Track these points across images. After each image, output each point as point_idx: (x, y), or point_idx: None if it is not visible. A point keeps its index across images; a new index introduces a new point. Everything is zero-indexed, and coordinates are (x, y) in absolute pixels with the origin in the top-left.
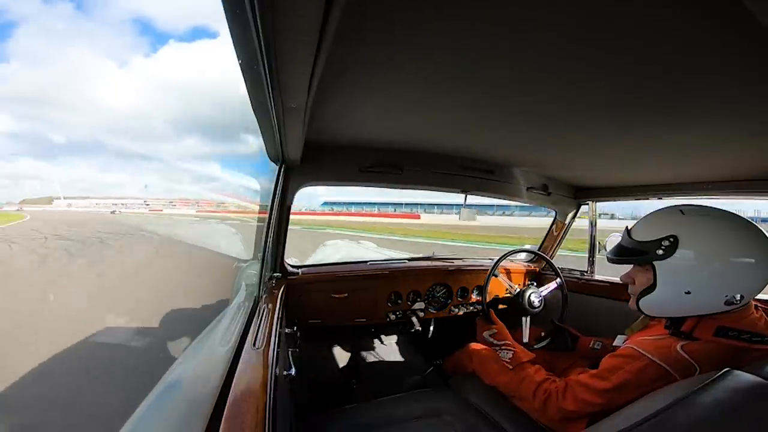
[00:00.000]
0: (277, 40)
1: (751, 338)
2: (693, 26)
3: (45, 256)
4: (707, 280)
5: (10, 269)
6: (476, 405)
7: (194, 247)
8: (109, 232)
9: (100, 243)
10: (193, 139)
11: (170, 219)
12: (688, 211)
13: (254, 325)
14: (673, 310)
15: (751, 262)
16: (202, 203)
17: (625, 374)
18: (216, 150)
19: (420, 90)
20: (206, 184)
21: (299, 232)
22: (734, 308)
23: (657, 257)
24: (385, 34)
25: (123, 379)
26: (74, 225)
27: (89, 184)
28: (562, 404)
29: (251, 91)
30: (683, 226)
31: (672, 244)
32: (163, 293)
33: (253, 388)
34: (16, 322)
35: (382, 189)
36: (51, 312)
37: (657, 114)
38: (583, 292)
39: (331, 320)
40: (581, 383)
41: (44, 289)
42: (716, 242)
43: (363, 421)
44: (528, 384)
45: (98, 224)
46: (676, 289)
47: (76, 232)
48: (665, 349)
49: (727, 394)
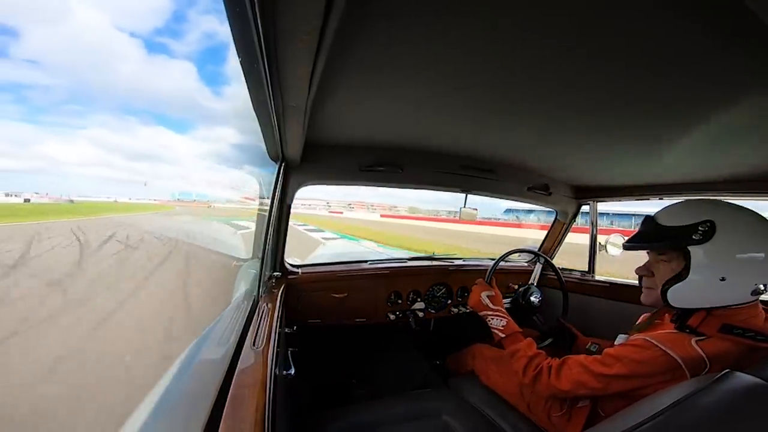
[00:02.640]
0: (278, 40)
1: (756, 337)
2: (693, 26)
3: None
4: (742, 267)
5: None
6: (476, 405)
7: (193, 246)
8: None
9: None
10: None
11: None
12: (718, 202)
13: (254, 325)
14: (704, 298)
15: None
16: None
17: (631, 363)
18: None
19: (420, 89)
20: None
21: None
22: (752, 301)
23: (693, 242)
24: (385, 34)
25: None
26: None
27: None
28: (554, 382)
29: (251, 90)
30: (719, 212)
31: (710, 228)
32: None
33: (253, 387)
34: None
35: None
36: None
37: (657, 114)
38: (584, 292)
39: (330, 320)
40: (580, 363)
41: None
42: (750, 231)
43: (363, 421)
44: (519, 358)
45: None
46: (712, 275)
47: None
48: (680, 342)
49: (727, 395)
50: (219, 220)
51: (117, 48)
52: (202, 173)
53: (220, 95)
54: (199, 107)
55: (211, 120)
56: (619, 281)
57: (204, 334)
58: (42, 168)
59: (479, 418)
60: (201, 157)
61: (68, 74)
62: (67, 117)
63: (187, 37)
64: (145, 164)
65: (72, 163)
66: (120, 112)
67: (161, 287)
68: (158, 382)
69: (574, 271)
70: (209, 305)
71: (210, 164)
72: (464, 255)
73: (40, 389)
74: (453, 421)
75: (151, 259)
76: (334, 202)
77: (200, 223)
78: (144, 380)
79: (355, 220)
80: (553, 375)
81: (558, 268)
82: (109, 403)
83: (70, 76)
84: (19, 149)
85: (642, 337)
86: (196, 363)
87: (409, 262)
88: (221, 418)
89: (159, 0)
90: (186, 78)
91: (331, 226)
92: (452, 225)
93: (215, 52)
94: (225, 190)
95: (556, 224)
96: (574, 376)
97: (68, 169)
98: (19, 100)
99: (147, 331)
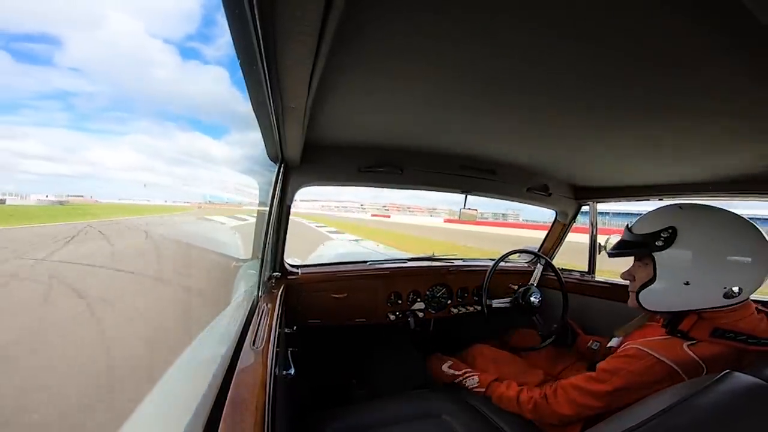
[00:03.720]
0: (277, 40)
1: (747, 340)
2: (693, 26)
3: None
4: (705, 271)
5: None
6: (475, 405)
7: (191, 245)
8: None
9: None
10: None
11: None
12: (686, 206)
13: (253, 325)
14: (672, 302)
15: (748, 255)
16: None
17: (627, 375)
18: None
19: (420, 90)
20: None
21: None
22: (733, 303)
23: (656, 248)
24: (384, 35)
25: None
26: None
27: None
28: (556, 408)
29: (251, 90)
30: (682, 218)
31: (671, 235)
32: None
33: (253, 387)
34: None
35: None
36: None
37: (658, 114)
38: (583, 293)
39: (330, 320)
40: (576, 386)
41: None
42: (714, 234)
43: (362, 421)
44: (507, 402)
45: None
46: (675, 280)
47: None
48: (672, 349)
49: (727, 395)
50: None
51: (153, 54)
52: (233, 177)
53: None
54: (231, 111)
55: (244, 124)
56: (618, 282)
57: (204, 334)
58: (89, 173)
59: (479, 418)
60: (234, 161)
61: (109, 81)
62: (110, 123)
63: (218, 41)
64: (183, 168)
65: (116, 168)
66: (159, 118)
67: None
68: (158, 382)
69: (574, 272)
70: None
71: (240, 167)
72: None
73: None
74: (453, 421)
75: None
76: (366, 204)
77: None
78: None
79: (412, 227)
80: (552, 403)
81: (558, 268)
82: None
83: (111, 82)
84: (69, 155)
85: (634, 346)
86: (196, 363)
87: (409, 263)
88: (221, 418)
89: (188, 3)
90: (218, 83)
91: (384, 238)
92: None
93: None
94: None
95: (555, 225)
96: (574, 399)
97: (114, 174)
98: (67, 107)
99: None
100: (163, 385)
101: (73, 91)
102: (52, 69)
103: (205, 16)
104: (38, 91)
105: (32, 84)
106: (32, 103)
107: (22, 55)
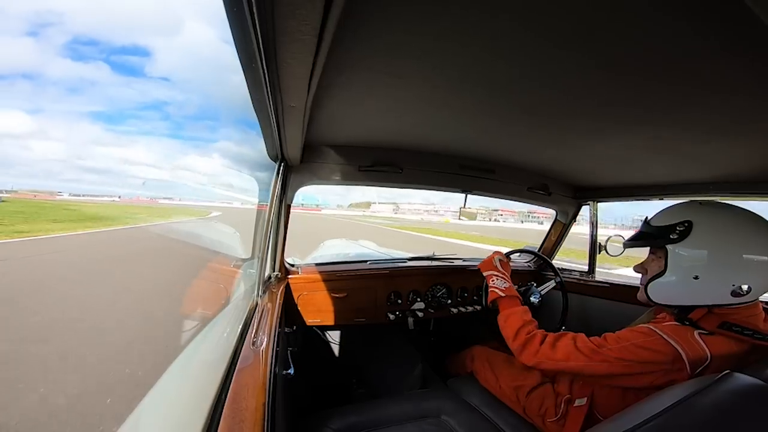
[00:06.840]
0: (277, 40)
1: (754, 335)
2: (693, 26)
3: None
4: (715, 267)
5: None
6: (475, 405)
7: (190, 245)
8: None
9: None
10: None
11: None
12: (706, 203)
13: (253, 324)
14: (680, 296)
15: (761, 255)
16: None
17: (632, 347)
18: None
19: (420, 90)
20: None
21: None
22: (741, 301)
23: (670, 241)
24: (384, 34)
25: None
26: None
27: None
28: (547, 350)
29: (251, 90)
30: (699, 214)
31: (686, 228)
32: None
33: (252, 387)
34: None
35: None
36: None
37: (657, 114)
38: (583, 293)
39: (330, 320)
40: (580, 336)
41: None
42: (730, 231)
43: (362, 421)
44: (514, 320)
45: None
46: (685, 273)
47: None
48: (682, 333)
49: (727, 396)
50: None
51: (226, 59)
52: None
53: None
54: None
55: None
56: (618, 281)
57: (203, 334)
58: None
59: (479, 419)
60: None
61: (196, 89)
62: (202, 131)
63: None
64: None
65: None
66: (240, 125)
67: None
68: (158, 381)
69: (574, 272)
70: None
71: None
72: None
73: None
74: (453, 421)
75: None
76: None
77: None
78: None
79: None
80: (547, 344)
81: (558, 269)
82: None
83: (198, 91)
84: (168, 162)
85: (646, 326)
86: (195, 362)
87: (409, 262)
88: (221, 418)
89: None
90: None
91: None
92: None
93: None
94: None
95: (555, 224)
96: (568, 345)
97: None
98: (164, 117)
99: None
100: (162, 384)
101: (166, 100)
102: (148, 81)
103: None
104: (140, 101)
105: (134, 95)
106: (137, 113)
107: (119, 66)
